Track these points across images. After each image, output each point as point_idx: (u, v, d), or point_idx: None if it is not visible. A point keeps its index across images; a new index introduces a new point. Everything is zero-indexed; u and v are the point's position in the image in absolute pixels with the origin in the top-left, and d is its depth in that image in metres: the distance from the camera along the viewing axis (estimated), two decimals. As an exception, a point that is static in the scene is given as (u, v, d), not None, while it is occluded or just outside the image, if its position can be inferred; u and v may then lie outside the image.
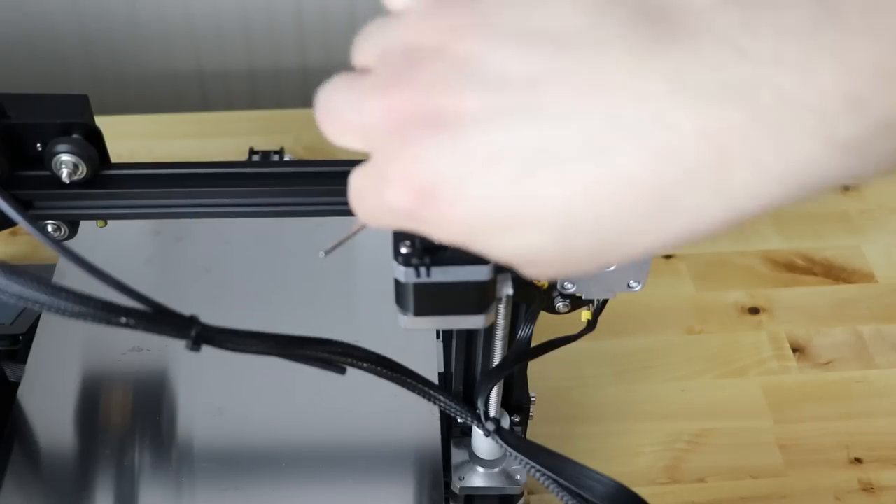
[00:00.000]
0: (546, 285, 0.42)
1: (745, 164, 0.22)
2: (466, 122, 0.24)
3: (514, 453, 0.44)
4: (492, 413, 0.47)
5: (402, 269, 0.35)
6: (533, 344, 0.45)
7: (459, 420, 0.47)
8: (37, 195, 0.44)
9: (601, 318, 0.45)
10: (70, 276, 0.61)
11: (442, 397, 0.44)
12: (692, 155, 0.22)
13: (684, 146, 0.22)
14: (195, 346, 0.34)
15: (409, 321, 0.37)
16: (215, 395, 0.57)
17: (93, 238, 0.48)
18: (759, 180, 0.23)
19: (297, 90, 1.34)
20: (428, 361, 0.58)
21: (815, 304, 0.74)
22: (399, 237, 0.35)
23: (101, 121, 0.44)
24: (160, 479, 0.53)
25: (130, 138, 0.84)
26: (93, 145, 0.43)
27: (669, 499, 0.62)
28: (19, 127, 0.42)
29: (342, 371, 0.38)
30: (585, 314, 0.45)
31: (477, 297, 0.36)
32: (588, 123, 0.23)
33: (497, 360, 0.46)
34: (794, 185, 0.23)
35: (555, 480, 0.42)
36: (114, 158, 0.44)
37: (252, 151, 0.77)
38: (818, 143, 0.22)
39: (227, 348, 0.35)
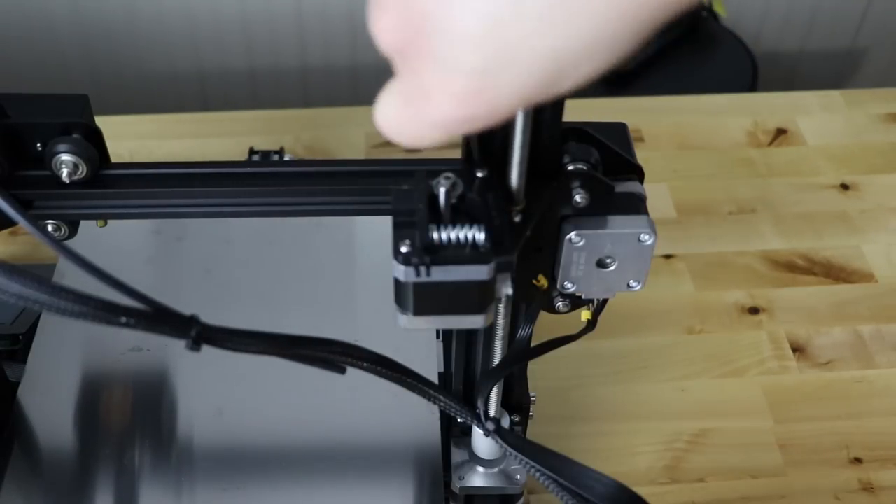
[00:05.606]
0: (546, 285, 0.42)
1: None
2: None
3: (514, 453, 0.44)
4: (492, 413, 0.47)
5: (402, 268, 0.35)
6: (533, 344, 0.45)
7: (459, 420, 0.47)
8: (37, 195, 0.44)
9: (601, 318, 0.45)
10: (70, 276, 0.61)
11: (442, 397, 0.44)
12: None
13: None
14: (195, 345, 0.34)
15: (409, 321, 0.37)
16: (215, 396, 0.57)
17: (93, 238, 0.48)
18: None
19: (297, 90, 1.34)
20: (428, 361, 0.58)
21: (815, 304, 0.74)
22: (399, 236, 0.35)
23: (101, 121, 0.44)
24: (160, 479, 0.53)
25: (130, 138, 0.84)
26: (93, 145, 0.43)
27: (669, 499, 0.62)
28: (19, 127, 0.43)
29: (342, 371, 0.38)
30: (585, 314, 0.45)
31: (477, 297, 0.36)
32: None
33: (497, 360, 0.46)
34: None
35: (555, 480, 0.42)
36: (114, 158, 0.44)
37: (252, 151, 0.77)
38: None
39: (227, 348, 0.35)
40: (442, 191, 0.35)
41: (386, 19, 0.27)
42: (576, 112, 0.39)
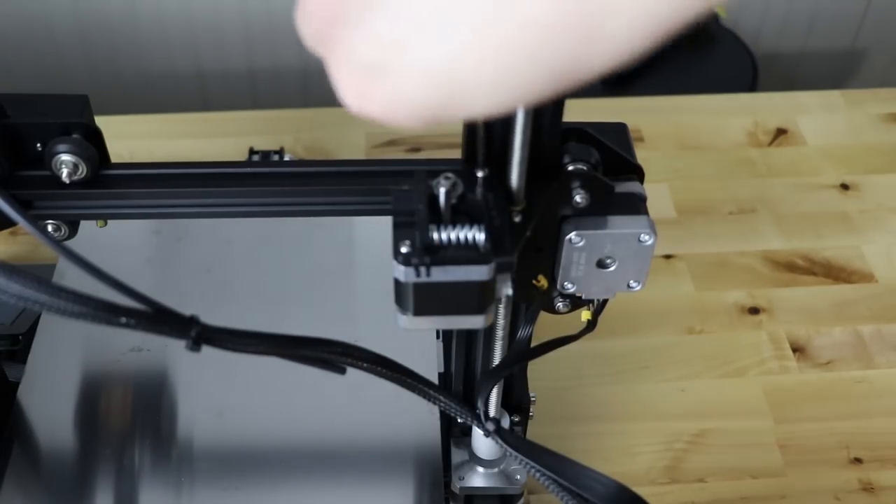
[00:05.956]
0: (546, 285, 0.42)
1: None
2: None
3: (514, 453, 0.44)
4: (492, 413, 0.47)
5: (402, 268, 0.35)
6: (533, 344, 0.45)
7: (459, 420, 0.47)
8: (37, 195, 0.44)
9: (601, 318, 0.45)
10: (70, 276, 0.61)
11: (442, 397, 0.44)
12: None
13: None
14: (195, 346, 0.34)
15: (409, 321, 0.37)
16: (215, 396, 0.57)
17: (93, 238, 0.48)
18: None
19: (297, 90, 1.34)
20: (428, 361, 0.58)
21: (815, 304, 0.74)
22: (399, 237, 0.35)
23: (101, 121, 0.44)
24: (160, 479, 0.53)
25: (130, 138, 0.84)
26: (93, 145, 0.43)
27: (669, 499, 0.62)
28: (19, 127, 0.42)
29: (342, 371, 0.38)
30: (585, 314, 0.45)
31: (477, 297, 0.36)
32: None
33: (497, 360, 0.46)
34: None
35: (555, 480, 0.42)
36: (114, 158, 0.44)
37: (252, 151, 0.77)
38: None
39: (227, 348, 0.35)
40: (442, 191, 0.35)
41: (310, 5, 0.28)
42: (576, 112, 0.39)
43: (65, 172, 0.42)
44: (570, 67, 0.24)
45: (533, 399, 0.53)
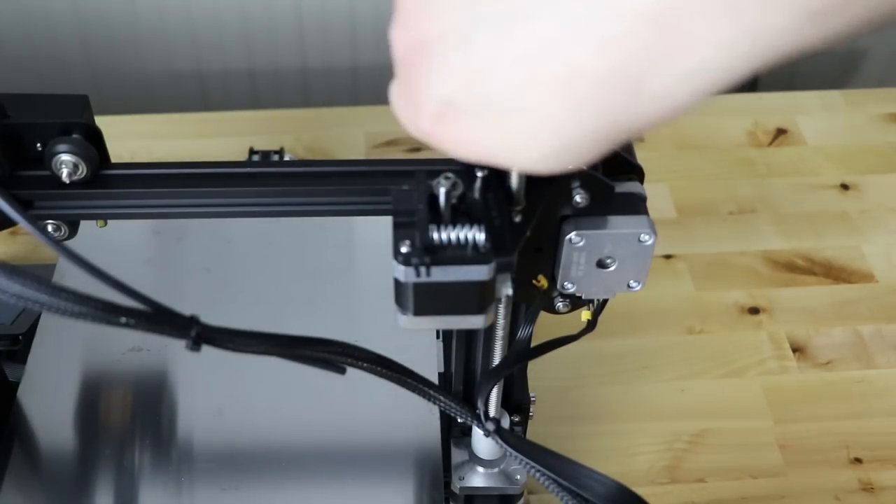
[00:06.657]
0: (546, 285, 0.42)
1: (701, 43, 0.23)
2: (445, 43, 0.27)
3: (514, 453, 0.44)
4: (492, 413, 0.47)
5: (402, 268, 0.35)
6: (533, 344, 0.45)
7: (459, 420, 0.47)
8: (37, 195, 0.44)
9: (601, 318, 0.45)
10: (70, 276, 0.61)
11: (442, 397, 0.44)
12: (637, 40, 0.23)
13: (628, 32, 0.23)
14: (195, 346, 0.34)
15: (409, 321, 0.37)
16: (215, 396, 0.57)
17: (93, 238, 0.48)
18: (718, 57, 0.23)
19: (297, 90, 1.34)
20: (428, 361, 0.58)
21: (815, 304, 0.74)
22: (399, 237, 0.35)
23: (101, 121, 0.44)
24: (160, 479, 0.53)
25: (130, 138, 0.84)
26: (93, 145, 0.43)
27: (669, 499, 0.62)
28: (19, 127, 0.42)
29: (342, 371, 0.38)
30: (585, 314, 0.45)
31: (477, 297, 0.36)
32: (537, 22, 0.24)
33: (497, 360, 0.46)
34: (758, 58, 0.23)
35: (555, 480, 0.42)
36: (114, 158, 0.44)
37: (252, 151, 0.77)
38: (785, 15, 0.22)
39: (227, 348, 0.35)
40: (442, 191, 0.35)
41: (398, 31, 0.29)
42: (576, 112, 0.39)
43: (65, 172, 0.42)
44: (617, 121, 0.25)
45: (533, 399, 0.53)
